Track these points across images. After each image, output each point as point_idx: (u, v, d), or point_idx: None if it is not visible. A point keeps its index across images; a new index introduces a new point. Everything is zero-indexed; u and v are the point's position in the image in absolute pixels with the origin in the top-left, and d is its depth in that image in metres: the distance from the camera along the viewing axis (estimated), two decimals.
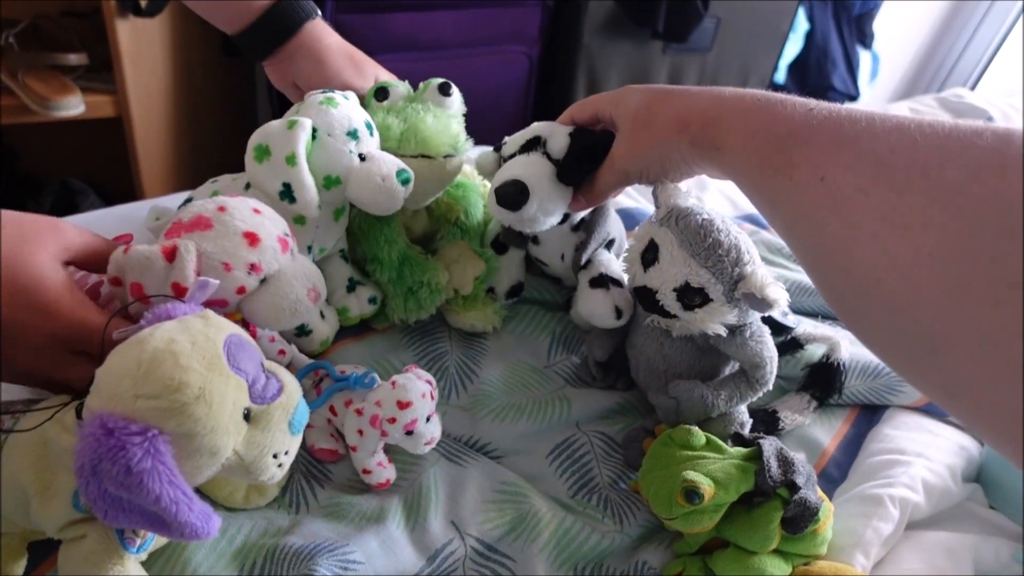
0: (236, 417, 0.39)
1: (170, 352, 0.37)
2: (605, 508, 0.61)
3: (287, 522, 0.54)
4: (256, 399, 0.41)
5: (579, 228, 0.71)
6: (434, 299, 0.69)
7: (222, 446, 0.39)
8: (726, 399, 0.60)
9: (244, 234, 0.48)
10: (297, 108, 0.60)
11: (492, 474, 0.60)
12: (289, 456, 0.44)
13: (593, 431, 0.67)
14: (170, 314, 0.41)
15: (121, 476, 0.35)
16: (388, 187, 0.59)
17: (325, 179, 0.58)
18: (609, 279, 0.67)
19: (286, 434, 0.42)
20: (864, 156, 0.39)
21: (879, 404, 0.74)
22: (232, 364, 0.39)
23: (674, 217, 0.56)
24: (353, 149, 0.59)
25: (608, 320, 0.66)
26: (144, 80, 1.36)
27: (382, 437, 0.54)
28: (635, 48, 1.59)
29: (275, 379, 0.43)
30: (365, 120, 0.61)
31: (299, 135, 0.55)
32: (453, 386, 0.68)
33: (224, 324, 0.41)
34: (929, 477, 0.64)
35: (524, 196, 0.61)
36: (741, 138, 0.48)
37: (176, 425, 0.36)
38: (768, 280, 0.52)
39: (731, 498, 0.54)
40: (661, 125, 0.55)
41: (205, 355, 0.38)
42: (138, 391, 0.36)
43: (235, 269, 0.47)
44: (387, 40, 1.33)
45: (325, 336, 0.66)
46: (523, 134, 0.66)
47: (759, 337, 0.58)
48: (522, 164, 0.63)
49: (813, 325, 0.78)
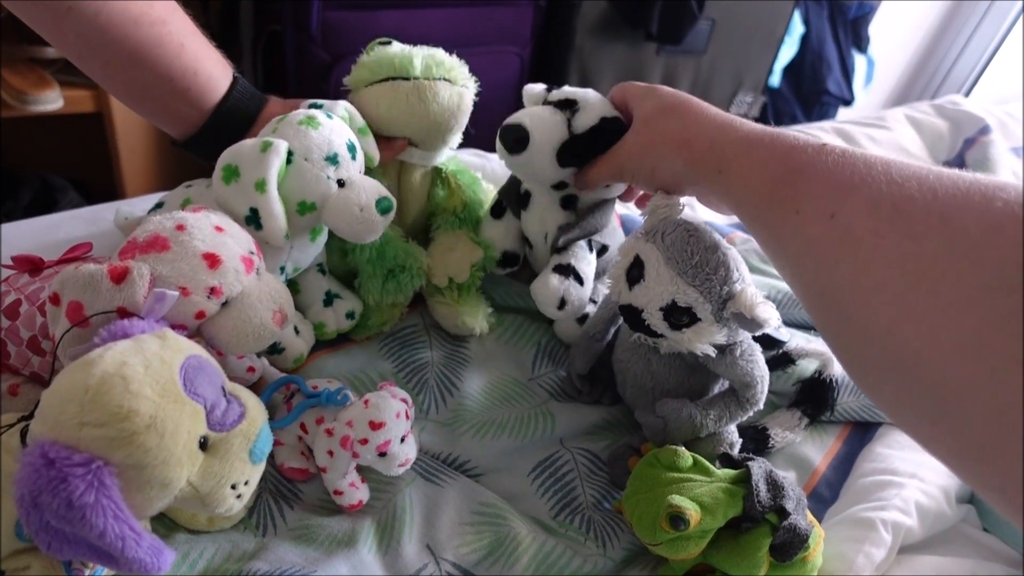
0: (191, 447, 0.37)
1: (120, 377, 0.34)
2: (588, 530, 0.59)
3: (253, 546, 0.51)
4: (214, 426, 0.38)
5: (569, 208, 0.69)
6: (413, 283, 0.67)
7: (174, 478, 0.36)
8: (715, 419, 0.58)
9: (204, 255, 0.44)
10: (275, 125, 0.56)
11: (470, 494, 0.58)
12: (249, 487, 0.41)
13: (577, 448, 0.65)
14: (126, 332, 0.38)
15: (62, 510, 0.32)
16: (366, 218, 0.55)
17: (299, 205, 0.55)
18: (573, 271, 0.65)
19: (246, 463, 0.39)
20: (879, 199, 0.37)
21: (872, 421, 0.72)
22: (188, 389, 0.37)
23: (660, 232, 0.54)
24: (331, 175, 0.55)
25: (549, 308, 0.64)
26: None
27: (353, 459, 0.52)
28: (628, 50, 1.57)
29: (237, 403, 0.40)
30: (348, 142, 0.57)
31: (271, 160, 0.51)
32: (433, 400, 0.65)
33: (183, 344, 0.39)
34: (922, 499, 0.62)
35: (520, 146, 0.61)
36: (747, 165, 0.46)
37: (124, 456, 0.34)
38: (758, 299, 0.50)
39: (718, 524, 0.52)
40: (663, 137, 0.55)
41: (159, 380, 0.36)
42: (84, 418, 0.34)
43: (193, 293, 0.44)
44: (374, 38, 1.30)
45: (299, 353, 0.64)
46: (572, 91, 0.64)
47: (750, 356, 0.56)
48: (540, 116, 0.62)
49: (806, 339, 0.76)
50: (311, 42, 1.28)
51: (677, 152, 0.53)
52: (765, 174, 0.45)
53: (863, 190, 0.38)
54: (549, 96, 0.65)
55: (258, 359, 0.59)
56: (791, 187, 0.42)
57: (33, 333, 0.50)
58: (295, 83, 1.35)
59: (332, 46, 1.30)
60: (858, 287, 0.36)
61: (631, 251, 0.56)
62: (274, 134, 0.54)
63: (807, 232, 0.40)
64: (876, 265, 0.35)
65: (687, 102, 0.55)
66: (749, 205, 0.47)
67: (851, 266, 0.37)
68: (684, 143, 0.53)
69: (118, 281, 0.41)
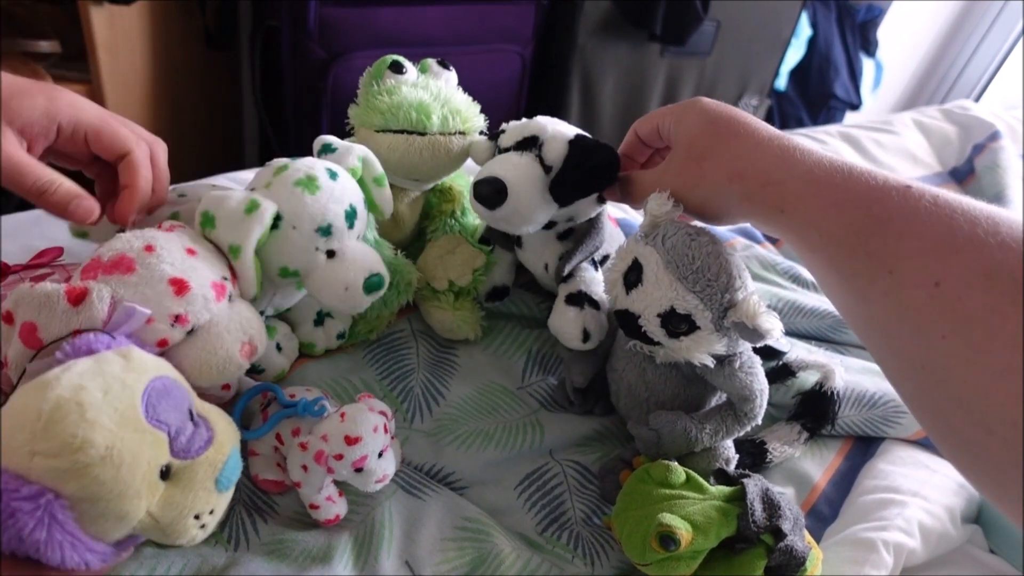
0: (150, 477, 0.34)
1: (76, 403, 0.32)
2: (576, 547, 0.56)
3: (223, 560, 0.49)
4: (178, 453, 0.36)
5: (566, 237, 0.67)
6: (400, 299, 0.65)
7: (131, 510, 0.34)
8: (711, 433, 0.56)
9: (171, 281, 0.42)
10: (269, 179, 0.51)
11: (453, 508, 0.55)
12: (215, 516, 0.39)
13: (567, 460, 0.63)
14: (90, 347, 0.36)
15: (14, 543, 0.30)
16: (351, 297, 0.52)
17: (281, 270, 0.51)
18: (586, 298, 0.62)
19: (211, 492, 0.37)
20: (994, 268, 0.33)
21: (874, 436, 0.69)
22: (151, 416, 0.34)
23: (660, 235, 0.52)
24: (321, 246, 0.51)
25: (573, 342, 0.62)
26: (122, 70, 1.31)
27: (328, 474, 0.49)
28: (632, 50, 1.55)
29: (205, 427, 0.38)
30: (348, 208, 0.52)
31: (252, 228, 0.47)
32: (417, 408, 0.63)
33: (149, 364, 0.37)
34: (926, 519, 0.59)
35: (501, 197, 0.57)
36: (816, 207, 0.42)
37: (77, 488, 0.32)
38: (761, 308, 0.47)
39: (710, 544, 0.50)
40: (712, 168, 0.49)
41: (118, 407, 0.33)
42: (35, 447, 0.31)
43: (157, 321, 0.41)
44: (372, 35, 1.29)
45: (280, 369, 0.61)
46: (522, 127, 0.61)
47: (749, 368, 0.53)
48: (510, 164, 0.58)
49: (807, 350, 0.74)
50: (308, 39, 1.27)
51: (728, 185, 0.48)
52: (842, 220, 0.41)
53: (971, 253, 0.34)
54: (500, 143, 0.62)
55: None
56: (879, 240, 0.38)
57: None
58: (292, 81, 1.33)
59: (329, 43, 1.28)
60: (974, 368, 0.33)
61: (629, 253, 0.53)
62: (267, 189, 0.50)
63: (904, 297, 0.37)
64: (998, 347, 0.32)
65: (734, 120, 0.49)
66: (822, 252, 0.42)
67: (964, 344, 0.33)
68: (736, 175, 0.47)
69: (76, 303, 0.39)
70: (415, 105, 0.61)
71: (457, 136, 0.64)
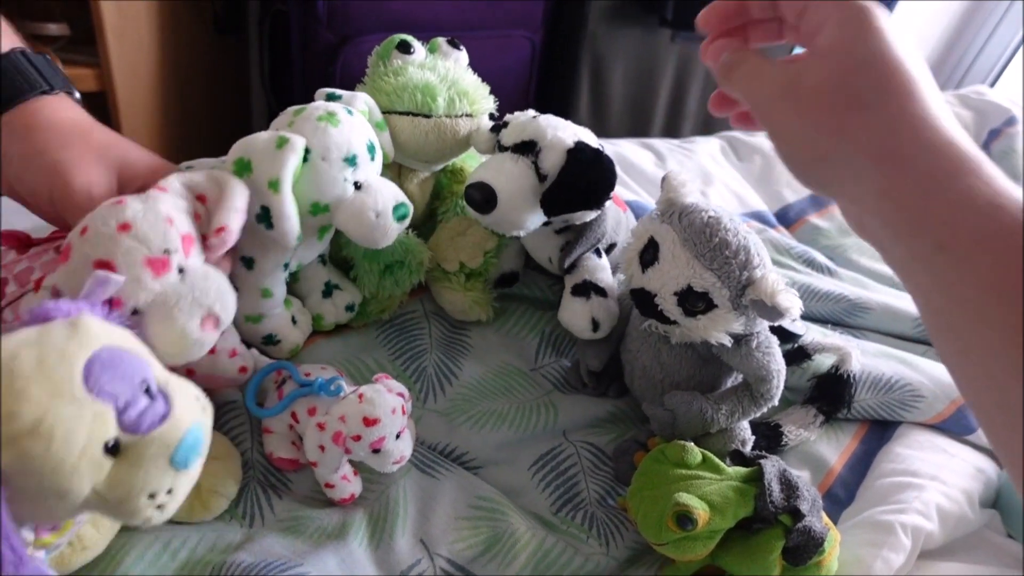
0: (92, 452, 0.32)
1: (7, 371, 0.31)
2: (590, 527, 0.56)
3: (239, 536, 0.49)
4: (128, 428, 0.34)
5: (565, 231, 0.66)
6: (411, 279, 0.64)
7: (73, 488, 0.32)
8: (727, 414, 0.55)
9: (95, 263, 0.40)
10: (291, 119, 0.52)
11: (467, 487, 0.55)
12: (174, 496, 0.36)
13: (581, 441, 0.62)
14: (47, 315, 0.35)
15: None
16: (382, 224, 0.52)
17: (312, 206, 0.51)
18: (592, 287, 0.62)
19: (166, 470, 0.35)
20: None
21: (891, 420, 0.69)
22: (92, 387, 0.33)
23: (677, 213, 0.51)
24: (348, 177, 0.52)
25: (584, 332, 0.61)
26: (130, 54, 1.30)
27: (345, 455, 0.49)
28: (643, 35, 1.53)
29: (163, 401, 0.36)
30: (367, 142, 0.53)
31: (288, 158, 0.48)
32: (431, 388, 0.63)
33: (97, 334, 0.35)
34: (944, 503, 0.59)
35: (490, 205, 0.57)
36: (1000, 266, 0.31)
37: (7, 461, 0.30)
38: (780, 286, 0.46)
39: (727, 524, 0.49)
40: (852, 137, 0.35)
41: (51, 378, 0.32)
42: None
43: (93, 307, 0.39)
44: (381, 20, 1.27)
45: (295, 344, 0.61)
46: (523, 128, 0.60)
47: (767, 348, 0.53)
48: (503, 170, 0.58)
49: (822, 333, 0.73)
50: (317, 23, 1.26)
51: (868, 174, 0.35)
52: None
53: None
54: (502, 138, 0.61)
55: (248, 354, 0.56)
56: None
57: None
58: (300, 65, 1.33)
59: (339, 27, 1.27)
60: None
61: (645, 233, 0.53)
62: (290, 128, 0.51)
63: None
64: None
65: (899, 71, 0.34)
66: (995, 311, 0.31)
67: None
68: (883, 162, 0.34)
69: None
70: (420, 87, 0.61)
71: (464, 118, 0.63)
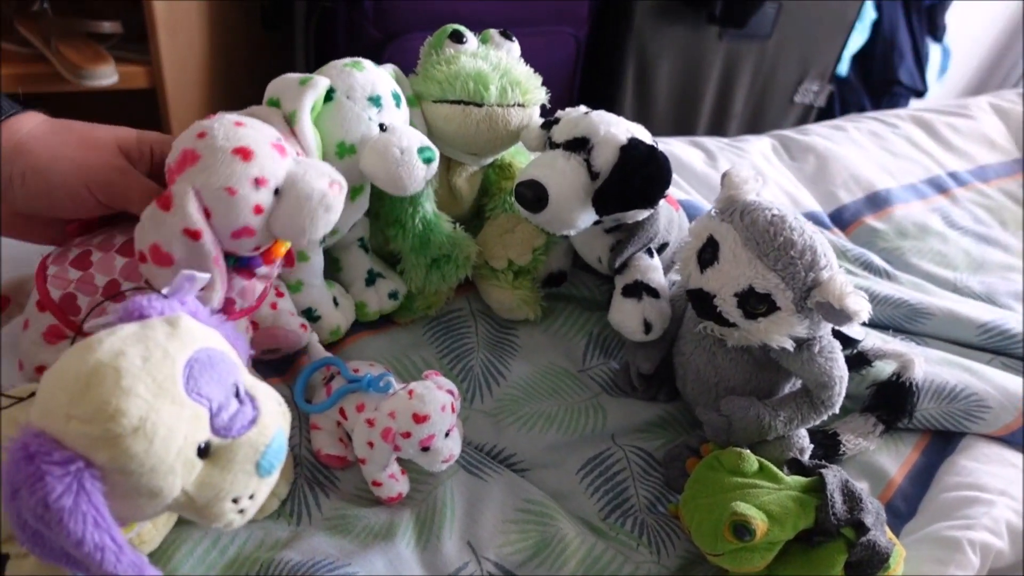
0: (187, 454, 0.33)
1: (113, 369, 0.31)
2: (640, 534, 0.54)
3: (286, 534, 0.49)
4: (219, 431, 0.34)
5: (615, 230, 0.64)
6: (458, 273, 0.64)
7: (165, 488, 0.32)
8: (785, 421, 0.53)
9: (234, 151, 0.42)
10: (322, 68, 0.55)
11: (515, 490, 0.54)
12: (255, 501, 0.37)
13: (630, 446, 0.61)
14: (142, 312, 0.35)
15: (39, 510, 0.29)
16: (408, 161, 0.52)
17: (338, 146, 0.53)
18: (644, 287, 0.60)
19: (251, 476, 0.35)
20: None
21: (954, 431, 0.66)
22: (191, 389, 0.33)
23: (738, 211, 0.49)
24: (373, 116, 0.53)
25: (636, 334, 0.60)
26: (180, 51, 1.32)
27: (395, 452, 0.48)
28: (689, 32, 1.50)
29: (251, 405, 0.36)
30: (392, 90, 0.55)
31: (307, 92, 0.50)
32: (477, 388, 0.62)
33: (197, 335, 0.35)
34: (1014, 519, 0.56)
35: (542, 204, 0.56)
36: None
37: (108, 458, 0.30)
38: (848, 288, 0.44)
39: (787, 536, 0.48)
40: None
41: (156, 377, 0.32)
42: (72, 410, 0.30)
43: (239, 190, 0.42)
44: (426, 18, 1.27)
45: (336, 325, 0.61)
46: (575, 124, 0.59)
47: (829, 353, 0.51)
48: (555, 167, 0.57)
49: (881, 339, 0.71)
50: (364, 19, 1.26)
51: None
52: None
53: None
54: (553, 135, 0.60)
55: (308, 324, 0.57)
56: None
57: (112, 277, 0.47)
58: None
59: (385, 24, 1.27)
60: None
61: (704, 231, 0.51)
62: (319, 74, 0.53)
63: None
64: None
65: None
66: None
67: None
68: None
69: (167, 208, 0.41)
70: (473, 75, 0.60)
71: (516, 108, 0.61)
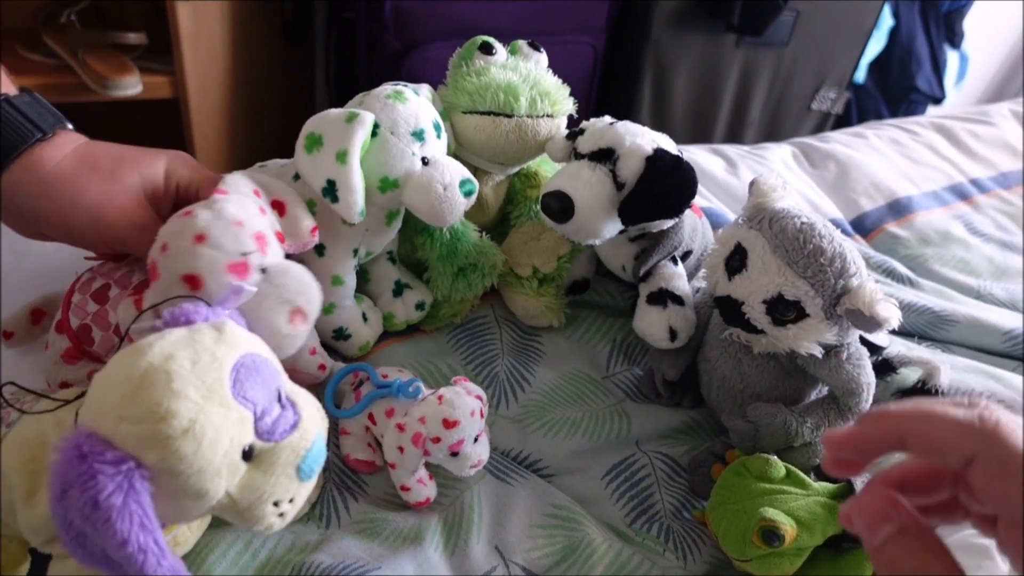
0: (232, 456, 0.34)
1: (164, 372, 0.32)
2: (667, 540, 0.54)
3: (316, 537, 0.49)
4: (262, 434, 0.35)
5: (640, 238, 0.65)
6: (484, 282, 0.65)
7: (211, 489, 0.33)
8: (812, 427, 0.53)
9: (183, 278, 0.41)
10: (361, 99, 0.54)
11: (542, 495, 0.54)
12: (294, 505, 0.37)
13: (655, 452, 0.61)
14: (188, 318, 0.36)
15: (88, 509, 0.30)
16: (450, 197, 0.53)
17: (381, 181, 0.52)
18: (668, 295, 0.60)
19: (293, 480, 0.36)
20: None
21: None
22: (237, 392, 0.34)
23: (767, 219, 0.49)
24: (416, 151, 0.53)
25: (661, 342, 0.60)
26: (203, 62, 1.34)
27: (424, 456, 0.49)
28: (707, 41, 1.51)
29: (292, 410, 0.37)
30: (433, 120, 0.55)
31: (356, 131, 0.49)
32: (503, 394, 0.62)
33: (241, 339, 0.36)
34: None
35: (568, 215, 0.56)
36: None
37: (157, 459, 0.31)
38: (879, 295, 0.44)
39: (816, 541, 0.48)
40: None
41: (205, 380, 0.33)
42: (122, 412, 0.31)
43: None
44: (445, 27, 1.28)
45: (365, 340, 0.61)
46: (600, 135, 0.59)
47: (857, 360, 0.51)
48: (580, 178, 0.57)
49: (906, 347, 0.70)
50: (384, 30, 1.27)
51: None
52: None
53: None
54: (578, 146, 0.60)
55: (328, 358, 0.57)
56: None
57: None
58: (366, 72, 1.34)
59: (405, 35, 1.28)
60: None
61: (731, 239, 0.51)
62: (360, 107, 0.52)
63: None
64: None
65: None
66: None
67: None
68: None
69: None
70: (503, 86, 0.60)
71: (545, 119, 0.62)
